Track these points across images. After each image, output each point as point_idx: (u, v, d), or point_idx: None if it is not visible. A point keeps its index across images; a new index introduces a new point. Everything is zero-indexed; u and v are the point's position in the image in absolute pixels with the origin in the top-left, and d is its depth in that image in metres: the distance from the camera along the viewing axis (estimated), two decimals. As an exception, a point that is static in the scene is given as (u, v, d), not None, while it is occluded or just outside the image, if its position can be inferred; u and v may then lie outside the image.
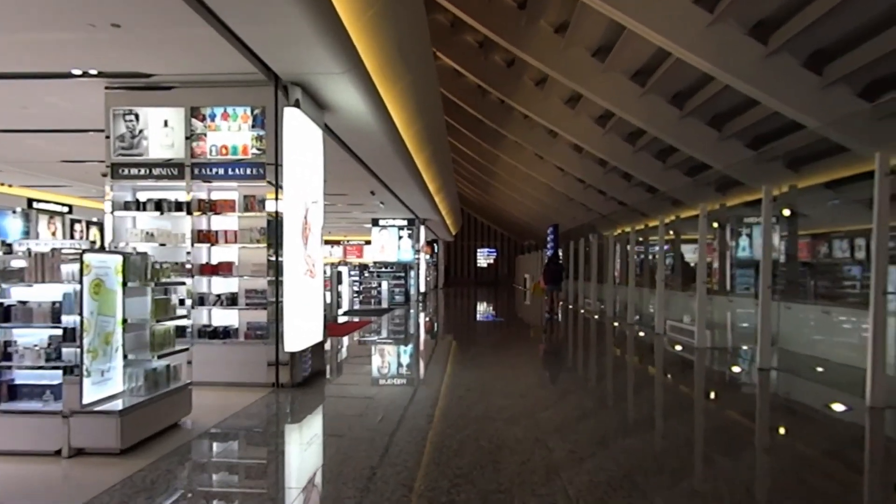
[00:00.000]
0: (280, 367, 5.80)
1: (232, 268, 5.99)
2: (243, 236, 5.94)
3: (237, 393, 5.60)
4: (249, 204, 5.92)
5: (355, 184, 12.37)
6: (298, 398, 5.53)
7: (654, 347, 9.47)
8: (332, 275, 12.16)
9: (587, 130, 16.03)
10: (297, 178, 5.79)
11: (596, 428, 4.68)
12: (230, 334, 5.97)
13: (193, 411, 4.85)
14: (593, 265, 16.03)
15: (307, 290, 6.08)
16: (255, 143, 5.78)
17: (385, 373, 7.08)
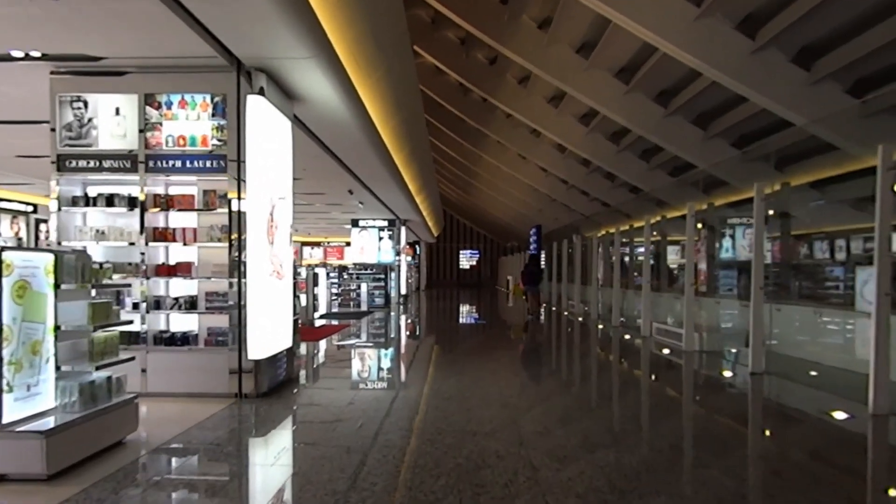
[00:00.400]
0: (243, 377, 5.33)
1: (191, 268, 5.51)
2: (203, 234, 5.47)
3: (196, 404, 5.12)
4: (210, 200, 5.45)
5: (332, 182, 11.91)
6: (262, 410, 5.07)
7: (641, 351, 9.16)
8: (307, 276, 11.67)
9: (570, 129, 15.77)
10: (261, 172, 5.34)
11: (583, 441, 4.30)
12: (189, 341, 5.49)
13: (144, 426, 4.39)
14: (577, 267, 15.74)
15: (274, 293, 5.62)
16: (215, 133, 5.31)
17: (360, 381, 6.62)
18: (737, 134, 12.52)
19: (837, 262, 10.42)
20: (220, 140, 5.31)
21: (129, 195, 5.45)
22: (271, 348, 5.55)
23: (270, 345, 5.53)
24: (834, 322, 7.25)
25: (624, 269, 14.08)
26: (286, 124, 6.05)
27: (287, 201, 6.10)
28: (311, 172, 10.83)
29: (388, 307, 17.65)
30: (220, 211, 5.40)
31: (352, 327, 12.00)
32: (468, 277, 41.01)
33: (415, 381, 6.59)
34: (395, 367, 7.75)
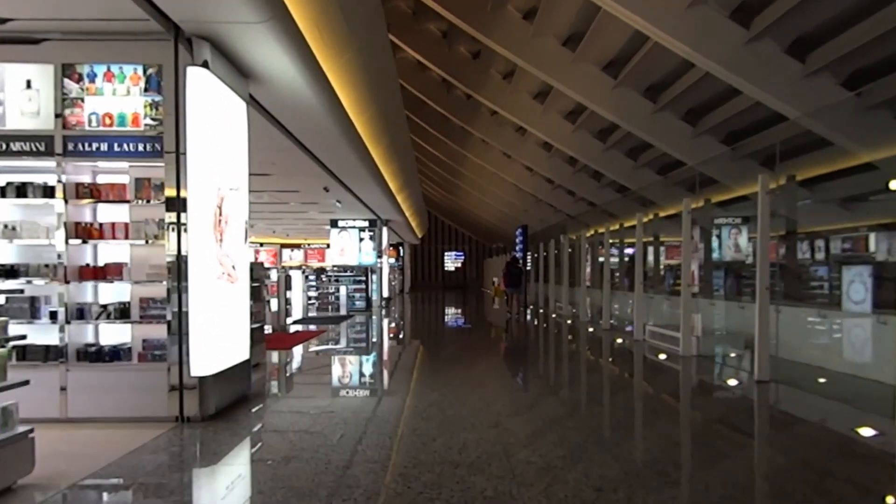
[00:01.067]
0: (186, 397, 4.49)
1: (122, 270, 4.65)
2: (136, 231, 4.62)
3: (127, 431, 4.27)
4: (143, 190, 4.61)
5: (306, 179, 11.06)
6: (206, 437, 4.23)
7: (635, 357, 8.46)
8: (279, 279, 10.80)
9: (557, 127, 15.09)
10: (207, 157, 4.51)
11: (585, 473, 3.54)
12: (120, 355, 4.63)
13: (54, 460, 3.56)
14: (564, 268, 15.06)
15: (224, 298, 4.79)
16: (149, 111, 4.47)
17: (329, 398, 5.78)
18: (726, 130, 11.96)
19: (848, 259, 9.86)
20: (154, 119, 4.47)
21: (45, 184, 4.58)
22: (220, 362, 4.71)
23: (219, 358, 4.69)
24: (841, 325, 6.61)
25: (613, 270, 13.47)
26: (240, 105, 5.22)
27: (241, 193, 5.27)
28: (281, 167, 9.99)
29: (370, 311, 16.79)
30: (156, 203, 4.56)
31: (328, 333, 11.15)
32: (453, 279, 40.22)
33: (392, 397, 5.79)
34: (370, 380, 6.93)
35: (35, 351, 4.58)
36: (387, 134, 10.40)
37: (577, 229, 18.08)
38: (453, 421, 4.57)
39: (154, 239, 4.57)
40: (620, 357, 8.72)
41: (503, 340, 10.95)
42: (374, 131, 9.52)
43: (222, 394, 4.81)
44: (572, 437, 4.24)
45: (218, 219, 4.68)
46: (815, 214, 12.41)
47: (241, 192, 5.24)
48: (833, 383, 6.16)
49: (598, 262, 13.56)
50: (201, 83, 4.46)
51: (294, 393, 6.25)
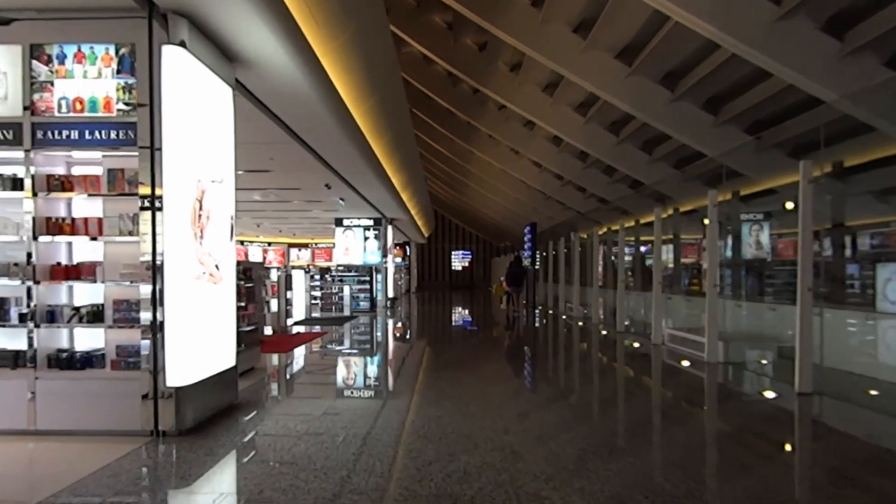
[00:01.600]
0: (161, 408, 4.11)
1: (95, 270, 4.29)
2: (110, 226, 4.25)
3: (97, 446, 3.91)
4: (117, 181, 4.23)
5: (306, 175, 10.68)
6: (180, 455, 3.85)
7: (657, 363, 8.00)
8: (279, 279, 10.43)
9: (567, 120, 14.62)
10: (184, 146, 4.13)
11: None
12: (93, 362, 4.27)
13: (7, 484, 3.19)
14: (575, 267, 14.59)
15: (205, 300, 4.41)
16: (122, 95, 4.10)
17: (320, 410, 5.35)
18: (751, 119, 11.38)
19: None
20: (127, 104, 4.09)
21: (14, 175, 4.22)
22: (200, 371, 4.33)
23: (199, 366, 4.31)
24: (888, 328, 6.11)
25: (627, 270, 12.98)
26: (224, 91, 4.84)
27: (226, 186, 4.89)
28: (280, 163, 9.63)
29: (374, 311, 16.42)
30: (130, 196, 4.18)
31: (328, 335, 10.78)
32: (460, 279, 39.78)
33: (390, 410, 5.37)
34: (368, 390, 6.52)
35: (4, 356, 4.23)
36: (389, 127, 10.00)
37: (588, 227, 17.61)
38: (455, 441, 4.15)
39: (129, 235, 4.19)
40: (639, 364, 8.26)
41: (512, 345, 10.53)
42: (374, 124, 9.13)
43: (203, 405, 4.43)
44: (591, 464, 3.79)
45: (198, 214, 4.30)
46: (852, 207, 11.89)
47: (225, 186, 4.86)
48: (887, 395, 5.66)
49: (611, 260, 13.08)
50: (178, 64, 4.07)
51: (284, 404, 5.85)
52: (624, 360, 8.55)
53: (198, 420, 4.33)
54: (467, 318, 16.65)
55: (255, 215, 17.57)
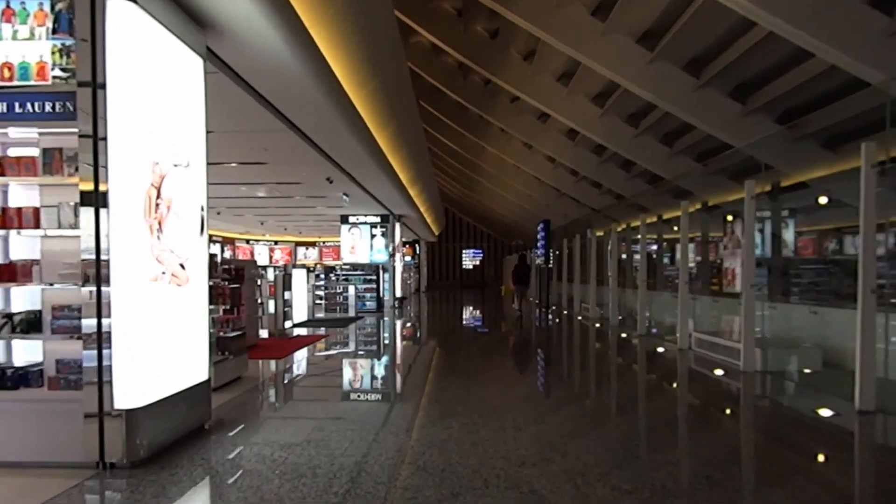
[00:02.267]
0: (108, 436, 3.41)
1: (31, 270, 3.59)
2: (49, 217, 3.55)
3: (28, 482, 3.22)
4: (54, 163, 3.53)
5: (306, 168, 9.99)
6: (129, 495, 3.14)
7: (684, 371, 7.19)
8: (276, 279, 9.74)
9: (583, 111, 13.78)
10: (135, 121, 3.42)
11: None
12: (28, 380, 3.58)
13: None
14: (591, 265, 13.77)
15: (167, 305, 3.70)
16: (58, 60, 3.39)
17: (307, 432, 4.58)
18: (783, 107, 10.45)
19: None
20: (66, 70, 3.39)
21: (-67, 158, 3.53)
22: (160, 388, 3.62)
23: (158, 383, 3.60)
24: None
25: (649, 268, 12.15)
26: (193, 61, 4.12)
27: (195, 172, 4.17)
28: (275, 154, 8.93)
29: (381, 312, 15.71)
30: (70, 181, 3.47)
31: (329, 338, 10.06)
32: (472, 278, 38.98)
33: (387, 432, 4.62)
34: (364, 404, 5.78)
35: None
36: (393, 116, 9.26)
37: (603, 224, 16.76)
38: (461, 475, 3.40)
39: (70, 228, 3.48)
40: (668, 373, 7.45)
41: (526, 351, 9.75)
42: (377, 112, 8.40)
43: (163, 429, 3.71)
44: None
45: (154, 203, 3.58)
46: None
47: (193, 171, 4.14)
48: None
49: (630, 258, 12.26)
50: (128, 23, 3.36)
51: (265, 424, 5.09)
52: (651, 369, 7.74)
53: (155, 448, 3.61)
54: (478, 320, 15.89)
55: (258, 212, 16.95)
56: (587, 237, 14.06)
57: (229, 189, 12.12)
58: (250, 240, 27.26)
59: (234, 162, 9.38)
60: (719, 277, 10.18)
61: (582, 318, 13.81)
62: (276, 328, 9.61)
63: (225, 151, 8.59)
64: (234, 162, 9.37)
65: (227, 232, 24.79)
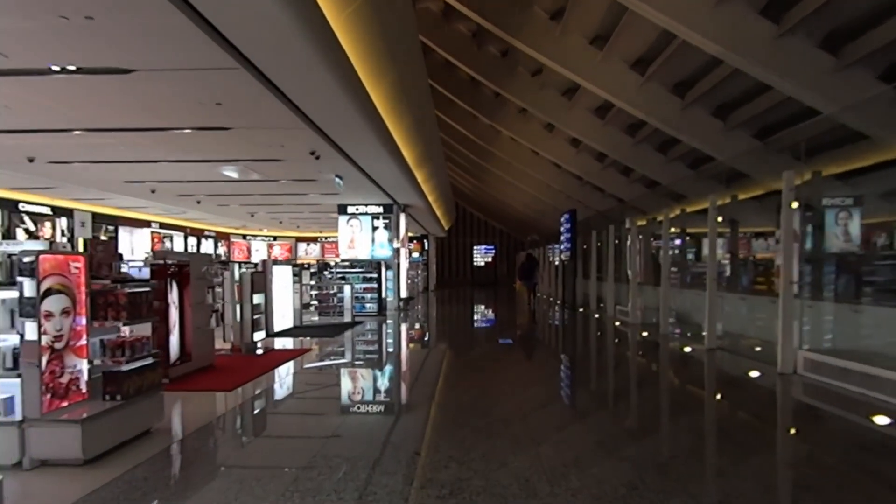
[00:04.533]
0: None
1: None
2: None
3: None
4: None
5: (281, 136, 7.75)
6: None
7: (817, 415, 4.90)
8: (242, 279, 7.52)
9: (620, 79, 11.41)
10: None
11: None
12: None
13: None
14: (632, 261, 11.47)
15: None
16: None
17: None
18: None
19: None
20: None
21: None
22: None
23: None
24: None
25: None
26: None
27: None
28: (234, 112, 6.69)
29: (383, 315, 13.46)
30: None
31: (308, 355, 7.84)
32: (483, 275, 36.65)
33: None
34: (333, 480, 3.51)
35: None
36: (392, 58, 7.00)
37: (632, 216, 14.45)
38: None
39: None
40: (790, 417, 5.16)
41: (561, 371, 7.50)
42: (368, 46, 6.15)
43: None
44: None
45: None
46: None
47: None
48: None
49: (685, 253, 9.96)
50: None
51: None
52: (757, 409, 5.44)
53: None
54: (495, 325, 13.61)
55: (244, 202, 14.76)
56: (627, 226, 11.75)
57: (197, 170, 9.94)
58: (247, 235, 25.15)
59: (188, 127, 7.18)
60: (843, 278, 7.88)
61: (620, 324, 11.48)
62: (240, 341, 7.42)
63: (166, 106, 6.39)
64: (186, 127, 7.18)
65: (221, 226, 22.70)
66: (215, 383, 5.66)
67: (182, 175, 10.66)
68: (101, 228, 16.73)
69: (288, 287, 10.45)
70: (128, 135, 7.45)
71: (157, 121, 6.94)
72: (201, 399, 5.19)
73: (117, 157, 8.87)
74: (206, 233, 22.18)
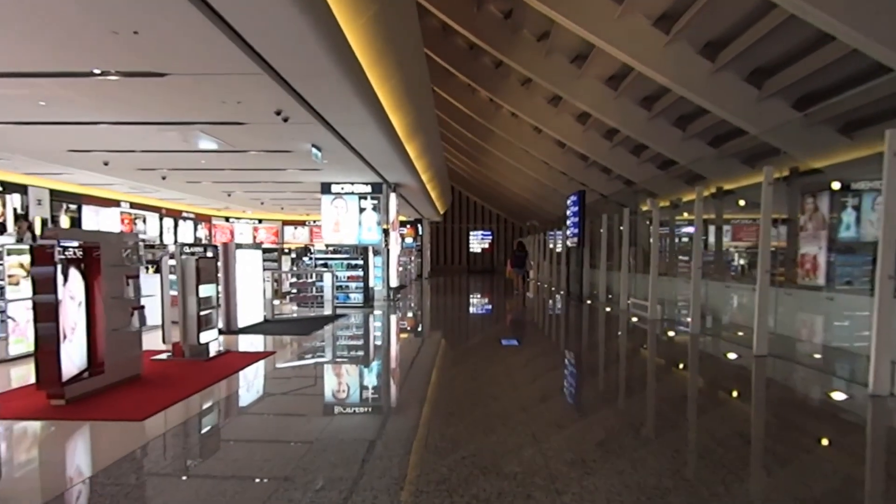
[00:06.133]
0: None
1: None
2: None
3: None
4: None
5: (236, 87, 6.19)
6: None
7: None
8: (179, 267, 5.97)
9: (639, 38, 9.84)
10: None
11: None
12: None
13: None
14: (651, 248, 10.02)
15: None
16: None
17: None
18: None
19: None
20: None
21: None
22: None
23: None
24: None
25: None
26: None
27: None
28: (173, 52, 5.14)
29: (369, 307, 11.99)
30: None
31: (271, 361, 6.38)
32: (480, 262, 35.22)
33: None
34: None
35: None
36: (375, 5, 5.45)
37: (654, 197, 12.96)
38: None
39: None
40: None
41: (575, 379, 6.07)
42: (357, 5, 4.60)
43: None
44: None
45: None
46: None
47: None
48: None
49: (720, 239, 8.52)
50: None
51: None
52: (847, 451, 4.01)
53: None
54: (493, 318, 12.18)
55: (216, 178, 13.16)
56: (652, 202, 10.28)
57: (147, 136, 8.34)
58: (230, 217, 23.53)
59: (113, 72, 5.60)
60: None
61: (637, 320, 10.04)
62: (185, 343, 5.92)
63: (76, 44, 4.82)
64: (111, 72, 5.59)
65: (202, 208, 21.07)
66: (126, 407, 4.18)
67: (133, 143, 9.07)
68: (61, 207, 15.11)
69: (257, 274, 8.94)
70: (39, 81, 5.87)
71: (71, 61, 5.37)
72: (92, 434, 3.70)
73: (43, 116, 7.27)
74: (184, 214, 20.56)
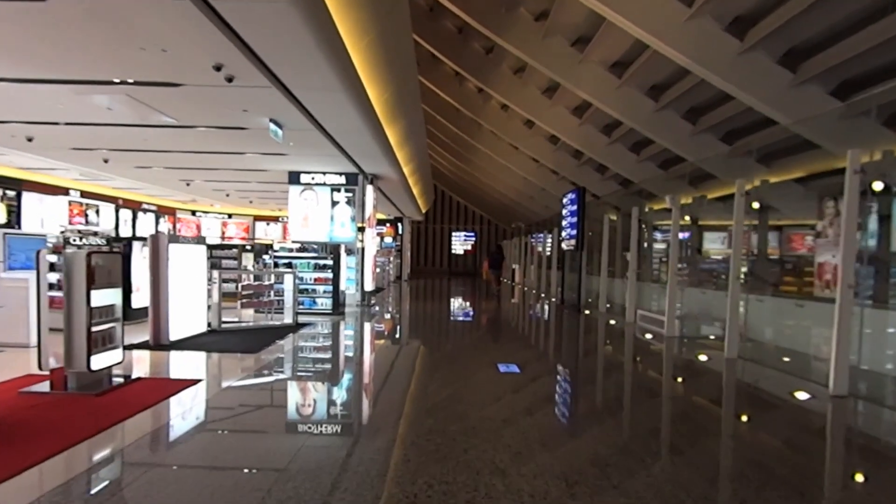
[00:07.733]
0: None
1: None
2: None
3: None
4: None
5: (159, 32, 4.54)
6: None
7: None
8: (68, 264, 4.29)
9: (658, 9, 8.41)
10: None
11: None
12: None
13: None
14: (669, 254, 8.62)
15: None
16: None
17: None
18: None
19: None
20: None
21: None
22: None
23: None
24: None
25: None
26: None
27: None
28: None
29: (339, 314, 10.32)
30: None
31: (194, 394, 4.75)
32: (462, 264, 33.68)
33: None
34: None
35: None
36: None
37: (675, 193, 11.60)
38: None
39: None
40: None
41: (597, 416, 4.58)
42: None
43: None
44: None
45: None
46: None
47: None
48: None
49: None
50: None
51: None
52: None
53: None
54: (476, 326, 10.65)
55: (166, 162, 11.34)
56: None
57: (62, 102, 6.59)
58: (196, 211, 21.57)
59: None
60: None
61: (652, 336, 8.59)
62: (70, 369, 4.24)
63: None
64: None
65: (165, 199, 19.14)
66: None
67: (49, 114, 7.29)
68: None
69: (199, 275, 7.25)
70: None
71: None
72: None
73: None
74: (143, 206, 18.59)
